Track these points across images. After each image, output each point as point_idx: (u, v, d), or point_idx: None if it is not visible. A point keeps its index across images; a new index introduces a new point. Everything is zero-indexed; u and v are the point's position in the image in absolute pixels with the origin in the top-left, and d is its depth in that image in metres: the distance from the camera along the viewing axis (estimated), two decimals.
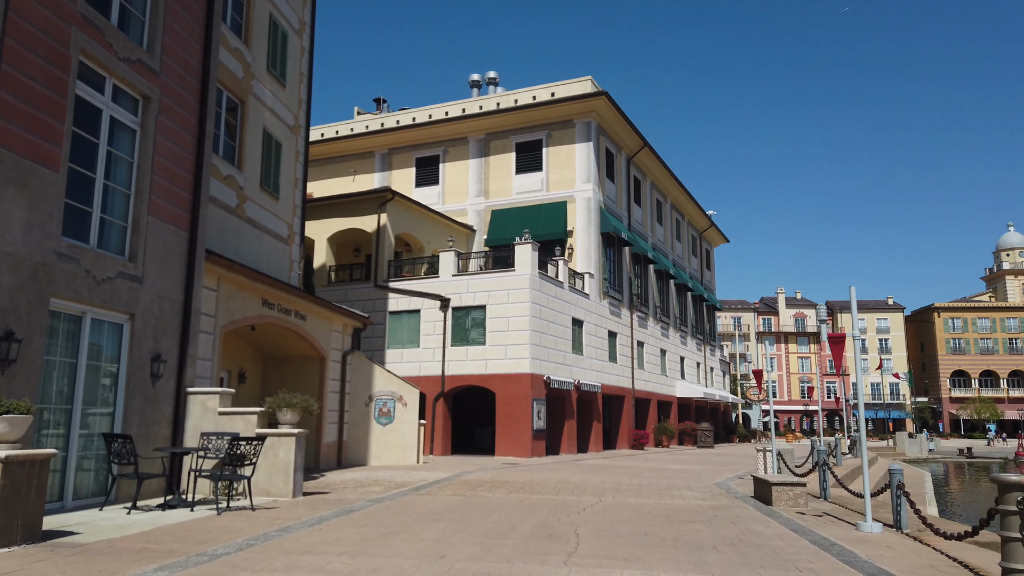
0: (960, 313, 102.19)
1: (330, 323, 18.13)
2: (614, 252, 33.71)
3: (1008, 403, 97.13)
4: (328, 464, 17.92)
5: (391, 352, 26.77)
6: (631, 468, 19.84)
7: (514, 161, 32.65)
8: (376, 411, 19.74)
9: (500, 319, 25.24)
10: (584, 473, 17.58)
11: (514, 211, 31.82)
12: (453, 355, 25.80)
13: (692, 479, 16.67)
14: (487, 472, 17.21)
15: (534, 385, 24.76)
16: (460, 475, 16.28)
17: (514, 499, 11.67)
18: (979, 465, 46.48)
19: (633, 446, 33.07)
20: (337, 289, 27.88)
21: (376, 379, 19.84)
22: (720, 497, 12.78)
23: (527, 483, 14.51)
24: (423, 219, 29.80)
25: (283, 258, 18.69)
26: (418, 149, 34.83)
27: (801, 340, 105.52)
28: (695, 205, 46.60)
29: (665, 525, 9.17)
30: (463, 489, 13.11)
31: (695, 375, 45.72)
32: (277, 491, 10.79)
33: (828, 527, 9.36)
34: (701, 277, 50.36)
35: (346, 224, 28.05)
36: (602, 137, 32.62)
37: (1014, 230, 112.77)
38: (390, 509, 10.01)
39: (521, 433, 24.43)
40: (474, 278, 25.96)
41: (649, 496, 12.63)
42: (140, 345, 10.20)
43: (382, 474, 16.13)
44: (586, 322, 29.61)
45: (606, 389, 31.02)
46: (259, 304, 14.59)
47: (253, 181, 17.26)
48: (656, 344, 38.61)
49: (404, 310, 26.87)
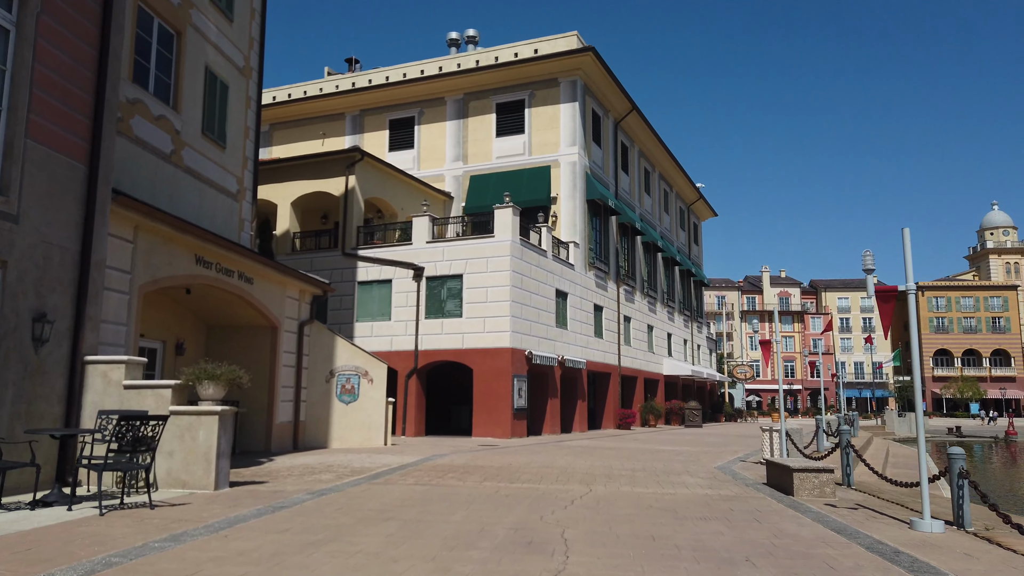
0: (944, 292, 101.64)
1: (283, 289, 16.04)
2: (600, 221, 31.75)
3: (990, 382, 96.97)
4: (282, 447, 15.93)
5: (360, 325, 24.72)
6: (621, 450, 18.04)
7: (494, 123, 30.50)
8: (338, 388, 17.74)
9: (478, 289, 23.26)
10: (570, 456, 15.74)
11: (494, 176, 29.72)
12: (427, 328, 23.81)
13: (690, 462, 14.88)
14: (461, 455, 15.32)
15: (515, 360, 22.86)
16: (430, 459, 14.37)
17: (488, 489, 9.76)
18: (971, 444, 45.41)
19: (619, 426, 31.37)
20: (302, 257, 25.73)
21: (338, 352, 17.82)
22: (728, 484, 10.97)
23: (505, 468, 12.63)
24: (396, 183, 27.63)
25: (231, 216, 16.54)
26: (392, 110, 32.54)
27: (785, 319, 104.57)
28: (684, 176, 44.71)
29: (675, 524, 7.29)
30: (429, 476, 11.19)
31: (682, 352, 44.10)
32: (196, 482, 8.80)
33: (875, 525, 7.54)
34: (689, 252, 48.62)
35: (311, 187, 25.83)
36: (588, 98, 30.52)
37: (998, 209, 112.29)
38: (331, 505, 8.06)
39: (500, 412, 22.56)
40: (450, 245, 23.91)
41: (647, 484, 10.78)
42: (15, 301, 8.11)
43: (340, 458, 14.17)
44: (571, 294, 27.71)
45: (591, 366, 29.22)
46: (191, 261, 12.48)
47: (193, 125, 15.07)
48: (643, 320, 36.84)
49: (374, 280, 24.79)
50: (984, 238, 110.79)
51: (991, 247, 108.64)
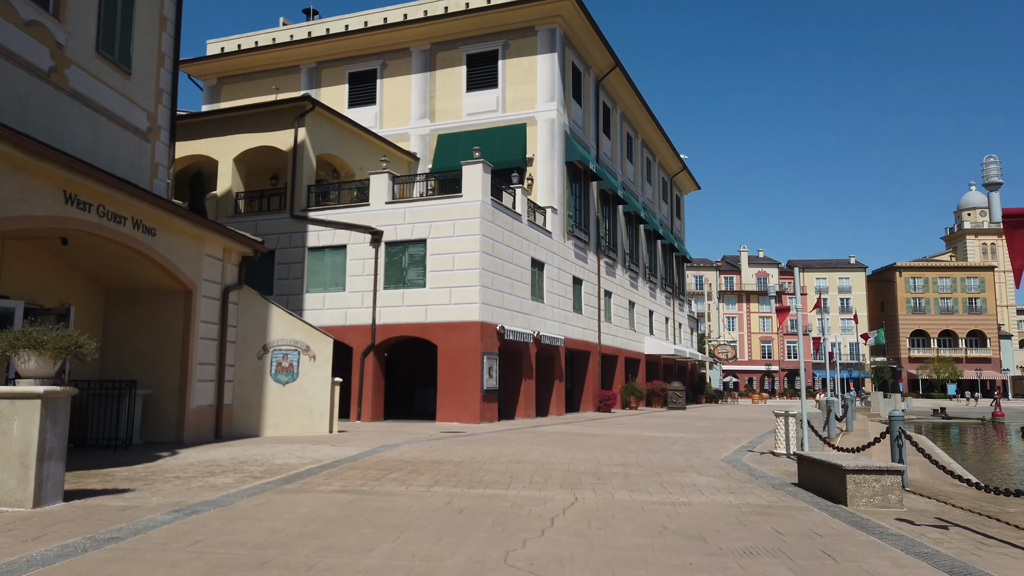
0: (921, 272, 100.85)
1: (200, 245, 13.21)
2: (580, 187, 29.13)
3: (966, 363, 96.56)
4: (199, 436, 13.18)
5: (311, 297, 21.91)
6: (606, 437, 15.56)
7: (465, 76, 27.62)
8: (273, 365, 14.99)
9: (444, 256, 20.55)
10: (548, 446, 13.21)
11: (464, 135, 26.89)
12: (386, 300, 21.08)
13: (690, 453, 12.43)
14: (417, 446, 12.71)
15: (485, 336, 20.25)
16: (376, 451, 11.75)
17: (437, 500, 7.17)
18: (961, 425, 43.87)
19: (599, 408, 28.99)
20: (246, 220, 22.80)
21: (274, 324, 15.05)
22: (750, 486, 8.50)
23: (467, 464, 10.05)
24: (354, 140, 24.69)
25: (139, 157, 13.64)
26: (352, 63, 29.49)
27: (763, 299, 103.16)
28: (668, 144, 42.18)
29: (713, 569, 4.75)
30: (364, 479, 8.57)
31: (664, 331, 41.84)
32: (7, 496, 6.08)
33: (1005, 562, 5.07)
34: (671, 225, 46.22)
35: (256, 141, 22.83)
36: (568, 50, 27.75)
37: (975, 189, 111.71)
38: (191, 534, 5.41)
39: (468, 394, 19.97)
40: (412, 206, 21.14)
41: (648, 487, 8.27)
42: None
43: (265, 451, 11.49)
44: (548, 264, 25.10)
45: (570, 343, 26.71)
46: (59, 200, 9.63)
47: (84, 41, 12.13)
48: (624, 295, 34.39)
49: (327, 246, 21.95)
50: (961, 219, 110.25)
51: (968, 228, 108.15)
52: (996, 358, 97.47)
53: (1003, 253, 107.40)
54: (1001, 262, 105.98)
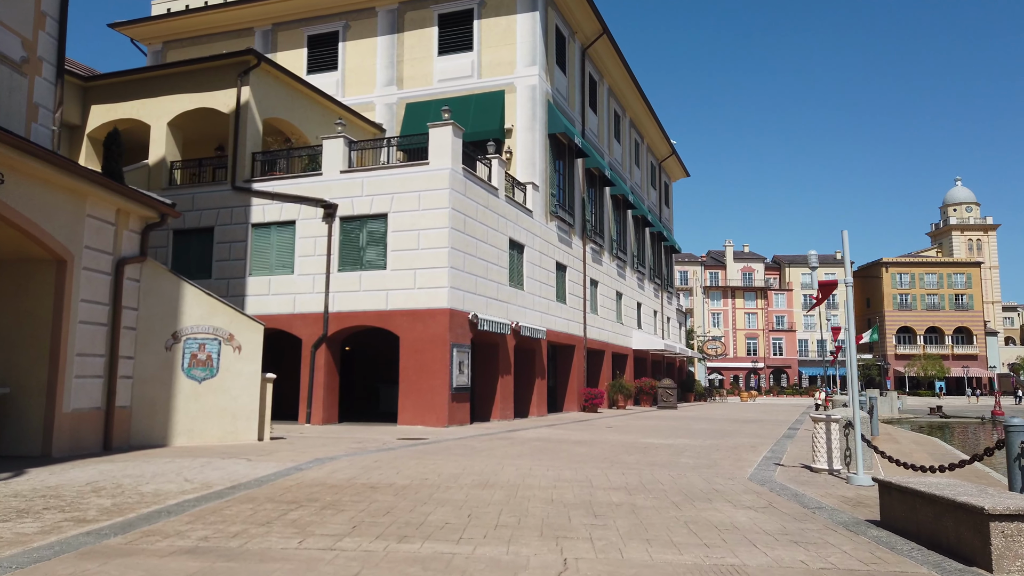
0: (908, 268, 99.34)
1: (79, 202, 10.30)
2: (564, 164, 26.40)
3: (953, 360, 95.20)
4: (78, 447, 10.27)
5: (254, 281, 18.99)
6: (596, 445, 12.84)
7: (436, 38, 24.76)
8: (186, 358, 12.09)
9: (408, 233, 17.73)
10: (525, 458, 10.46)
11: (435, 103, 24.02)
12: (341, 283, 18.22)
13: (705, 468, 9.74)
14: (358, 460, 9.90)
15: (454, 326, 17.47)
16: (301, 468, 8.93)
17: (336, 570, 4.38)
18: (962, 424, 41.72)
19: (584, 408, 26.31)
20: (182, 192, 19.84)
21: (187, 307, 12.16)
22: (815, 528, 5.80)
23: (412, 490, 7.27)
24: (308, 104, 21.74)
25: (11, 95, 10.71)
26: (311, 24, 26.51)
27: (748, 295, 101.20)
28: (657, 126, 39.56)
29: None
30: (249, 521, 5.77)
31: (652, 325, 39.26)
32: None
33: None
34: (660, 213, 43.65)
35: (193, 102, 19.84)
36: (551, 10, 25.00)
37: (961, 184, 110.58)
38: None
39: (435, 393, 17.17)
40: (372, 175, 18.28)
41: (671, 532, 5.54)
42: None
43: (148, 470, 8.62)
44: (528, 247, 22.34)
45: (552, 336, 23.99)
46: None
47: None
48: (611, 285, 31.73)
49: (273, 222, 19.04)
50: (947, 214, 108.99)
51: (954, 223, 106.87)
52: (983, 355, 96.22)
53: (988, 249, 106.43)
54: (987, 258, 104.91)
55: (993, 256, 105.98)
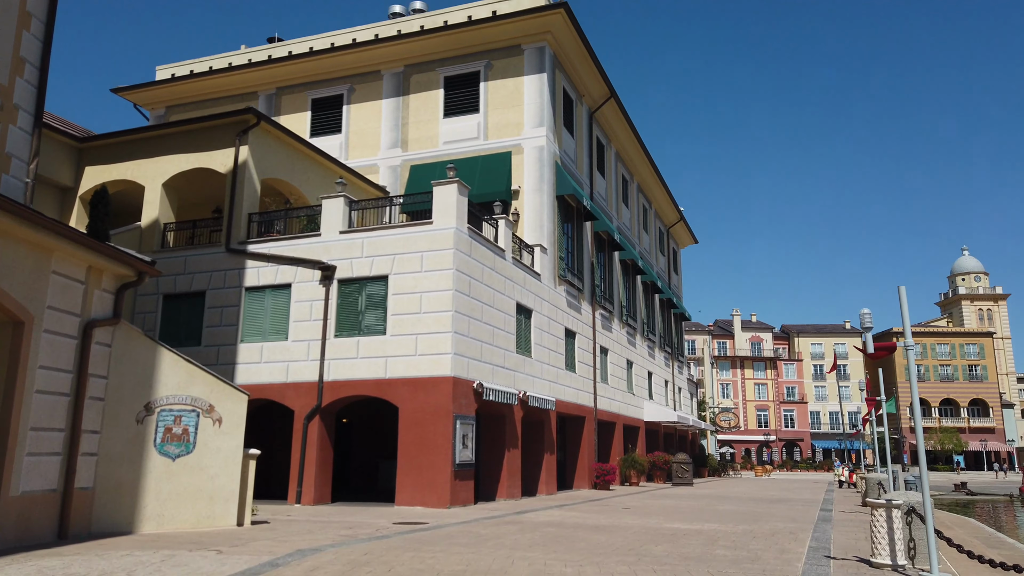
0: (919, 339, 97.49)
1: (44, 257, 9.28)
2: (572, 227, 25.59)
3: (970, 433, 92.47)
4: (26, 536, 8.93)
5: (246, 348, 17.83)
6: (616, 531, 11.39)
7: (442, 100, 24.34)
8: (159, 432, 10.84)
9: (409, 296, 16.67)
10: (538, 550, 9.07)
11: (440, 165, 23.36)
12: (338, 350, 17.05)
13: (745, 561, 8.35)
14: (345, 552, 8.54)
15: (458, 395, 16.19)
16: (276, 565, 7.59)
17: None
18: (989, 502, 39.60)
19: (596, 485, 24.66)
20: (174, 256, 18.93)
21: (163, 375, 10.98)
22: None
23: None
24: (309, 164, 21.07)
25: None
26: (315, 87, 26.22)
27: (758, 365, 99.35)
28: (665, 191, 39.05)
29: None
30: None
31: (663, 395, 37.76)
32: None
33: None
34: (668, 280, 42.72)
35: (189, 163, 19.16)
36: (559, 73, 24.65)
37: (968, 254, 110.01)
38: None
39: (436, 469, 15.75)
40: (372, 236, 17.36)
41: None
42: None
43: (101, 566, 7.29)
44: (536, 311, 21.25)
45: (562, 407, 22.62)
46: None
47: None
48: (622, 353, 30.47)
49: (268, 285, 18.03)
50: (956, 284, 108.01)
51: (963, 293, 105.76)
52: (1000, 428, 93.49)
53: (999, 319, 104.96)
54: (999, 328, 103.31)
55: (1004, 326, 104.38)
